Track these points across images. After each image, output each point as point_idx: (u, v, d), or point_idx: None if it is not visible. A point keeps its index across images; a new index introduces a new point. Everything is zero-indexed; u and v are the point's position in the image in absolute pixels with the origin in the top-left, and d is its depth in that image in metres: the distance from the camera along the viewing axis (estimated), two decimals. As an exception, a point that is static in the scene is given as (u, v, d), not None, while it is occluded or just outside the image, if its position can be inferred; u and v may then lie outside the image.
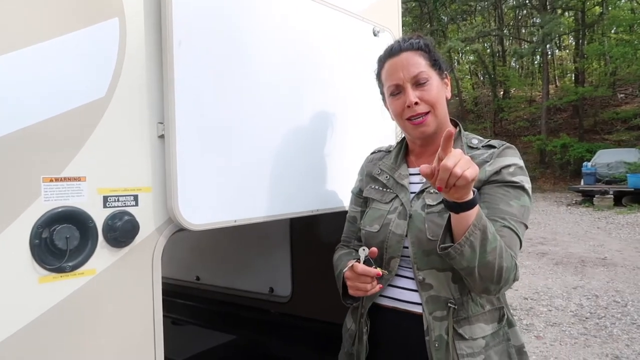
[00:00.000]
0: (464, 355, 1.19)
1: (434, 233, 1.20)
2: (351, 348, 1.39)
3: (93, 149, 1.01)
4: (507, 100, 25.38)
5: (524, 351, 1.29)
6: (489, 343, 1.22)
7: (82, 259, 0.99)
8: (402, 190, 1.34)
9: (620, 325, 4.56)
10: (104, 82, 1.03)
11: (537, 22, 24.17)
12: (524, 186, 1.22)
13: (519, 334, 1.31)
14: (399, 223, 1.28)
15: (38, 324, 0.93)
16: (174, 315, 2.75)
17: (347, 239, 1.52)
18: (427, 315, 1.22)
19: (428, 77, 1.28)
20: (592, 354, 3.96)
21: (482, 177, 1.22)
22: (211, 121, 1.22)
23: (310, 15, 1.55)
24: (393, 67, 1.31)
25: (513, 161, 1.24)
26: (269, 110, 1.39)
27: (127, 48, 1.07)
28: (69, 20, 0.98)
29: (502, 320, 1.27)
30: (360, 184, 1.51)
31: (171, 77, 1.12)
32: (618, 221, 10.92)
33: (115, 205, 1.05)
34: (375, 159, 1.50)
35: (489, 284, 1.14)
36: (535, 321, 4.79)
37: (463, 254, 1.08)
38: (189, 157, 1.15)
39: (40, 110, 0.94)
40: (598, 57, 23.64)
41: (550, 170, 20.36)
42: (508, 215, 1.18)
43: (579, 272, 6.62)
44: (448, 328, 1.20)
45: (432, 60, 1.30)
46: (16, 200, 0.91)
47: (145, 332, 1.10)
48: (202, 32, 1.20)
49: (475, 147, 1.31)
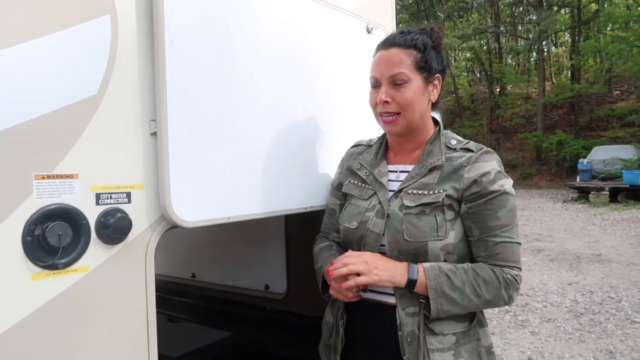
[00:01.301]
0: (434, 350, 1.21)
1: (411, 234, 1.22)
2: (329, 340, 1.41)
3: (85, 146, 1.01)
4: (503, 97, 25.42)
5: (492, 351, 1.33)
6: (460, 340, 1.24)
7: (75, 256, 0.99)
8: (380, 188, 1.34)
9: (615, 321, 4.60)
10: (96, 79, 1.03)
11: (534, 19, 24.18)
12: (505, 191, 1.24)
13: (489, 334, 1.35)
14: (377, 222, 1.29)
15: (31, 321, 0.93)
16: (169, 312, 2.75)
17: (326, 231, 1.54)
18: (400, 311, 1.24)
19: (407, 79, 1.27)
20: (586, 349, 3.99)
21: (460, 186, 1.24)
22: (203, 118, 1.22)
23: (303, 12, 1.55)
24: (378, 60, 1.32)
25: (491, 167, 1.25)
26: (261, 107, 1.39)
27: (119, 46, 1.07)
28: (61, 17, 0.98)
29: (473, 320, 1.29)
30: (339, 177, 1.51)
31: (163, 74, 1.12)
32: (613, 217, 10.97)
33: (108, 203, 1.05)
34: (356, 152, 1.50)
35: (491, 307, 1.28)
36: (530, 317, 4.82)
37: (445, 312, 1.20)
38: (181, 154, 1.16)
39: (32, 107, 0.94)
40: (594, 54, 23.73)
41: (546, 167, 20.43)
42: (498, 229, 1.23)
43: (574, 268, 6.66)
44: (420, 323, 1.22)
45: (421, 61, 1.28)
46: (8, 197, 0.91)
47: (138, 329, 1.10)
48: (194, 31, 1.20)
49: (454, 149, 1.31)
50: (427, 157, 1.31)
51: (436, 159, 1.29)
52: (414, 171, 1.32)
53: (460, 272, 1.21)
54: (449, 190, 1.24)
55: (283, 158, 1.46)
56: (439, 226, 1.22)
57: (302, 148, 1.54)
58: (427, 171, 1.29)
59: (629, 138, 17.46)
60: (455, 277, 1.20)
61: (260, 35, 1.39)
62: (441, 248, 1.22)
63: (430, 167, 1.29)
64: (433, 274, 1.19)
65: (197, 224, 1.21)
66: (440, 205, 1.23)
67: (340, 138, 1.69)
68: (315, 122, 1.59)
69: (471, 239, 1.26)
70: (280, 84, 1.46)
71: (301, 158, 1.54)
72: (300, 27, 1.53)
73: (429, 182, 1.27)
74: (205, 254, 2.80)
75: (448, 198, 1.24)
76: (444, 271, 1.20)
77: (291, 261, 2.43)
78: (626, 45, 18.68)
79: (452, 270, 1.21)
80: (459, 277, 1.20)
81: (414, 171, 1.32)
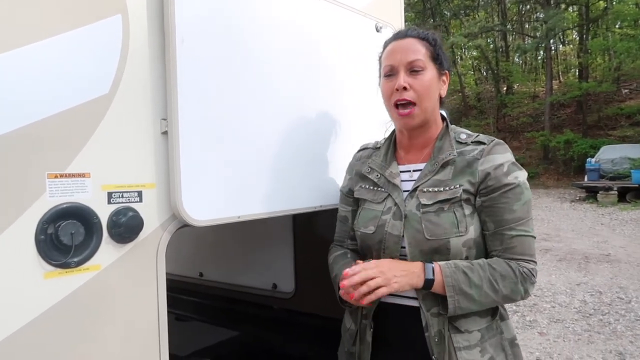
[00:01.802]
0: (461, 348, 1.21)
1: (432, 233, 1.21)
2: (352, 347, 1.39)
3: (97, 145, 1.02)
4: (510, 96, 25.27)
5: (516, 343, 1.32)
6: (484, 335, 1.24)
7: (87, 254, 1.00)
8: (394, 190, 1.32)
9: (624, 322, 4.56)
10: (108, 78, 1.04)
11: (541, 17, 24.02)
12: (520, 183, 1.23)
13: (511, 326, 1.34)
14: (395, 224, 1.27)
15: (44, 319, 0.94)
16: (177, 311, 2.76)
17: (340, 239, 1.51)
18: (425, 312, 1.23)
19: (424, 67, 1.28)
20: (595, 351, 3.96)
21: (475, 180, 1.24)
22: (214, 117, 1.22)
23: (313, 11, 1.55)
24: (394, 48, 1.32)
25: (505, 159, 1.25)
26: (271, 106, 1.39)
27: (130, 45, 1.07)
28: (72, 17, 0.98)
29: (496, 315, 1.29)
30: (349, 182, 1.48)
31: (174, 73, 1.12)
32: (622, 217, 10.88)
33: (120, 202, 1.05)
34: (364, 156, 1.48)
35: (508, 302, 1.27)
36: (538, 317, 4.79)
37: (463, 309, 1.19)
38: (192, 153, 1.16)
39: (44, 106, 0.95)
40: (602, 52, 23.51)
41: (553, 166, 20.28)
42: (514, 222, 1.22)
43: (582, 268, 6.61)
44: (444, 322, 1.22)
45: (434, 53, 1.30)
46: (21, 196, 0.92)
47: (150, 327, 1.11)
48: (205, 29, 1.20)
49: (464, 143, 1.31)
50: (438, 153, 1.30)
51: (447, 154, 1.28)
52: (426, 168, 1.30)
53: (476, 268, 1.20)
54: (465, 184, 1.24)
55: (293, 157, 1.46)
56: (459, 222, 1.21)
57: (312, 147, 1.54)
58: (439, 167, 1.28)
59: (638, 137, 17.31)
60: (473, 274, 1.19)
61: (270, 34, 1.39)
62: (463, 244, 1.21)
63: (443, 162, 1.28)
64: (450, 271, 1.18)
65: (208, 223, 1.21)
66: (458, 200, 1.23)
67: (350, 137, 1.69)
68: (324, 121, 1.59)
69: (486, 232, 1.25)
70: (290, 82, 1.46)
71: (311, 157, 1.53)
72: (309, 26, 1.53)
73: (443, 179, 1.26)
74: (213, 253, 2.80)
75: (465, 193, 1.23)
76: (461, 268, 1.19)
77: (299, 260, 2.42)
78: (635, 43, 18.51)
79: (468, 267, 1.20)
80: (476, 273, 1.19)
81: (426, 168, 1.30)
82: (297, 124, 1.48)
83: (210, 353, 2.56)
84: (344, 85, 1.67)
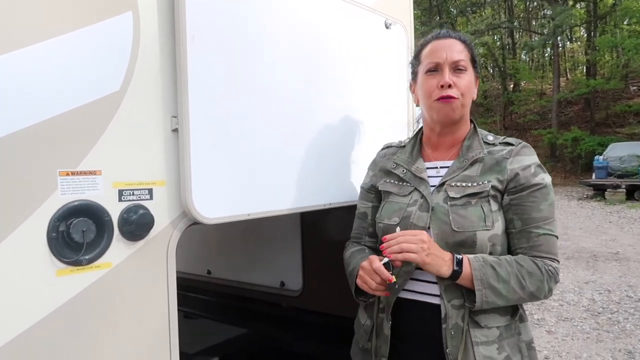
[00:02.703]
0: (479, 343, 1.21)
1: (459, 225, 1.23)
2: (367, 344, 1.38)
3: (108, 142, 1.02)
4: (517, 93, 25.16)
5: (533, 346, 1.32)
6: (502, 334, 1.24)
7: (99, 252, 1.00)
8: (421, 184, 1.34)
9: (634, 320, 4.52)
10: (119, 76, 1.04)
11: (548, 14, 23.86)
12: (546, 184, 1.27)
13: (529, 329, 1.34)
14: (421, 215, 1.28)
15: (56, 316, 0.94)
16: (185, 308, 2.76)
17: (357, 236, 1.51)
18: (446, 302, 1.23)
19: (466, 67, 1.32)
20: (604, 349, 3.93)
21: (504, 177, 1.26)
22: (224, 115, 1.22)
23: (323, 8, 1.54)
24: (438, 46, 1.34)
25: (532, 160, 1.29)
26: (281, 103, 1.38)
27: (140, 42, 1.07)
28: (83, 14, 0.98)
29: (516, 315, 1.29)
30: (372, 179, 1.49)
31: (185, 71, 1.12)
32: (630, 215, 10.80)
33: (130, 199, 1.05)
34: (389, 153, 1.49)
35: (533, 300, 1.26)
36: (546, 316, 4.77)
37: (490, 304, 1.19)
38: (202, 151, 1.15)
39: (55, 104, 0.95)
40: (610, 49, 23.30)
41: (561, 164, 20.18)
42: (541, 221, 1.25)
43: (590, 266, 6.57)
44: (464, 315, 1.21)
45: (473, 56, 1.36)
46: (33, 193, 0.92)
47: (160, 325, 1.11)
48: (215, 26, 1.20)
49: (492, 143, 1.34)
50: (467, 151, 1.33)
51: (477, 152, 1.31)
52: (455, 165, 1.33)
53: (504, 264, 1.21)
54: (494, 181, 1.26)
55: (302, 155, 1.46)
56: (486, 216, 1.23)
57: (322, 144, 1.53)
58: (469, 164, 1.30)
59: (646, 134, 17.18)
60: (501, 269, 1.20)
61: (280, 31, 1.38)
62: (489, 238, 1.23)
63: (472, 160, 1.30)
64: (478, 264, 1.19)
65: (218, 221, 1.20)
66: (486, 195, 1.25)
67: (359, 134, 1.68)
68: (334, 119, 1.58)
69: (512, 230, 1.27)
70: (300, 80, 1.45)
71: (320, 155, 1.53)
72: (319, 23, 1.52)
73: (471, 175, 1.29)
74: (221, 251, 2.81)
75: (493, 189, 1.26)
76: (489, 262, 1.20)
77: (307, 258, 2.42)
78: (643, 40, 18.36)
79: (496, 262, 1.21)
80: (504, 268, 1.20)
81: (455, 165, 1.33)
82: (307, 122, 1.48)
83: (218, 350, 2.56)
84: (353, 82, 1.66)
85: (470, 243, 1.22)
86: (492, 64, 28.41)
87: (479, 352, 1.20)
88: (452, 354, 1.20)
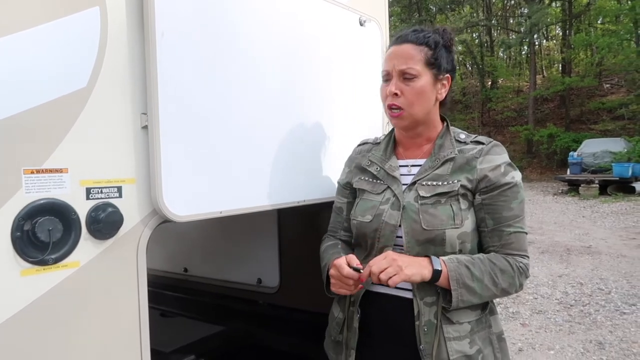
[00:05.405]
0: (451, 339, 1.24)
1: (428, 223, 1.25)
2: (338, 336, 1.41)
3: (75, 140, 1.00)
4: (494, 90, 25.49)
5: (503, 337, 1.36)
6: (474, 328, 1.28)
7: (66, 251, 0.98)
8: (394, 182, 1.36)
9: (604, 312, 4.66)
10: (86, 72, 1.02)
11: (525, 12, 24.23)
12: (516, 183, 1.30)
13: (499, 321, 1.38)
14: (392, 213, 1.31)
15: (21, 317, 0.92)
16: (162, 307, 2.74)
17: (333, 229, 1.54)
18: (419, 300, 1.26)
19: (417, 74, 1.30)
20: (576, 341, 4.04)
21: (474, 177, 1.29)
22: (196, 112, 1.21)
23: (297, 5, 1.54)
24: (391, 54, 1.35)
25: (502, 160, 1.31)
26: (254, 100, 1.38)
27: (108, 38, 1.05)
28: (49, 8, 0.96)
29: (486, 309, 1.33)
30: (348, 175, 1.51)
31: (154, 67, 1.10)
32: (603, 210, 11.09)
33: (99, 197, 1.04)
34: (364, 150, 1.51)
35: (505, 295, 1.30)
36: (521, 309, 4.87)
37: (465, 302, 1.22)
38: (173, 148, 1.14)
39: (20, 101, 0.92)
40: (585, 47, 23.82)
41: (537, 160, 20.56)
42: (512, 219, 1.28)
43: (564, 260, 6.73)
44: (437, 313, 1.24)
45: (431, 58, 1.31)
46: (-4, 192, 0.89)
47: (131, 324, 1.10)
48: (186, 23, 1.18)
49: (464, 142, 1.36)
50: (439, 150, 1.35)
51: (449, 151, 1.33)
52: (427, 164, 1.34)
53: (477, 263, 1.24)
54: (463, 180, 1.28)
55: (276, 151, 1.45)
56: (455, 214, 1.25)
57: (295, 141, 1.53)
58: (440, 164, 1.32)
59: (619, 131, 17.61)
60: (474, 268, 1.23)
61: (253, 28, 1.37)
62: (458, 236, 1.25)
63: (444, 159, 1.32)
64: (453, 265, 1.22)
65: (189, 219, 1.20)
66: (455, 194, 1.27)
67: (334, 131, 1.68)
68: (308, 115, 1.58)
69: (485, 229, 1.30)
70: (273, 76, 1.45)
71: (294, 151, 1.53)
72: (293, 20, 1.52)
73: (442, 174, 1.31)
74: (198, 248, 2.79)
75: (462, 188, 1.28)
76: (463, 262, 1.23)
77: (284, 255, 2.42)
78: (616, 38, 18.82)
79: (470, 262, 1.24)
80: (477, 267, 1.23)
81: (427, 164, 1.34)
82: (280, 118, 1.47)
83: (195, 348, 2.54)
84: (327, 79, 1.67)
85: (440, 241, 1.25)
86: (470, 62, 28.76)
87: (451, 347, 1.23)
88: (426, 350, 1.23)
